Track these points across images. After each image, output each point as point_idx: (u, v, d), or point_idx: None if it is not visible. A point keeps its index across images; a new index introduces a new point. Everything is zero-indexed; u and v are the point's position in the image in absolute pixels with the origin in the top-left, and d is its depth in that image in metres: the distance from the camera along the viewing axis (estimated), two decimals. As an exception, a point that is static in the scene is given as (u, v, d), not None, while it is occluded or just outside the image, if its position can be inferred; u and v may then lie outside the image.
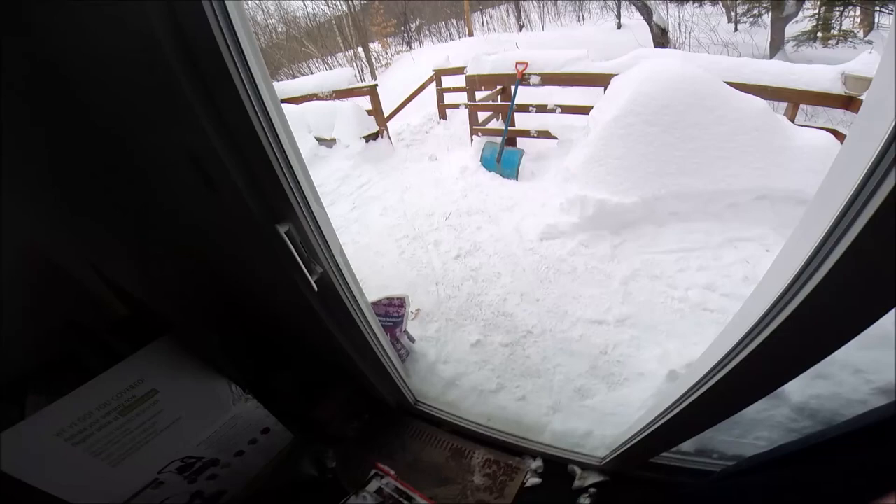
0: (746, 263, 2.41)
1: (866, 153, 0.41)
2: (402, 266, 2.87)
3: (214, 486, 0.96)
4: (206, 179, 0.61)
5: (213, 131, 0.54)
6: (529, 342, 2.14)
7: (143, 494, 0.81)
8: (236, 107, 0.52)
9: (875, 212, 0.39)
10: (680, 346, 2.01)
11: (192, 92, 0.51)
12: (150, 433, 0.78)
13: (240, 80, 0.51)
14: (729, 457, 1.21)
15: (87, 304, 0.78)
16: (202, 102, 0.52)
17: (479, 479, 1.33)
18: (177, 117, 0.54)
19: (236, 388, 0.89)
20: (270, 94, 0.57)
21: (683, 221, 2.73)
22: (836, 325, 0.51)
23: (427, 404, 1.64)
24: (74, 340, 0.76)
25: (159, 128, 0.56)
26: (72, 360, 0.74)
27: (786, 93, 3.12)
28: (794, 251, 0.51)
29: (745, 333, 0.60)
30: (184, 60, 0.49)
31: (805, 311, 0.50)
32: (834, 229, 0.45)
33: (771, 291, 0.55)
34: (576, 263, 2.56)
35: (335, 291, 0.86)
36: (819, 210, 0.48)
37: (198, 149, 0.57)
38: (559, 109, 3.94)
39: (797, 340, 0.55)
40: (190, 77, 0.50)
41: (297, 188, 0.67)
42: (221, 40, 0.48)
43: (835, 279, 0.46)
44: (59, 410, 0.66)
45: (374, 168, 4.49)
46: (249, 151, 0.58)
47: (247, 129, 0.55)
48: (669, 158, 2.80)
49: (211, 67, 0.49)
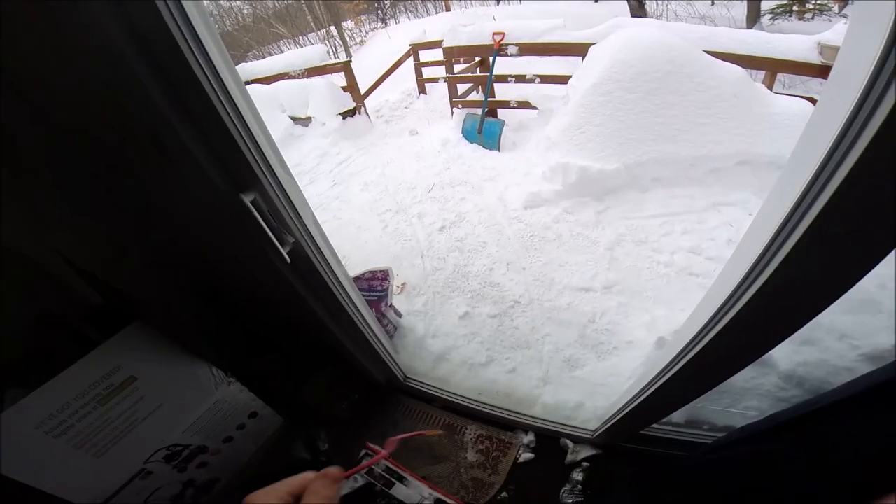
0: (730, 227, 2.44)
1: (837, 116, 0.41)
2: (385, 240, 2.80)
3: (206, 474, 0.94)
4: (164, 153, 0.58)
5: (166, 105, 0.52)
6: (517, 312, 2.12)
7: (132, 486, 0.79)
8: (189, 77, 0.51)
9: (848, 172, 0.39)
10: (667, 312, 2.02)
11: (145, 71, 0.49)
12: (132, 422, 0.76)
13: (190, 53, 0.49)
14: (719, 428, 1.21)
15: (57, 293, 0.76)
16: (157, 81, 0.51)
17: (472, 456, 1.30)
18: (132, 96, 0.51)
19: (217, 371, 0.87)
20: (227, 65, 0.56)
21: (666, 187, 2.74)
22: (815, 288, 0.51)
23: (417, 380, 1.61)
24: (47, 331, 0.75)
25: (119, 110, 0.54)
26: (46, 351, 0.73)
27: (763, 62, 3.14)
28: (771, 214, 0.51)
29: (727, 298, 0.59)
30: (131, 36, 0.47)
31: (782, 275, 0.50)
32: (808, 191, 0.44)
33: (749, 255, 0.54)
34: (560, 230, 2.55)
35: (309, 262, 0.82)
36: (793, 173, 0.48)
37: (155, 124, 0.55)
38: (538, 79, 3.89)
39: (778, 304, 0.55)
40: (142, 55, 0.49)
41: (260, 155, 0.65)
42: (170, 19, 0.47)
43: (810, 241, 0.46)
44: (35, 402, 0.64)
45: (352, 145, 4.36)
46: (206, 120, 0.56)
47: (200, 97, 0.53)
48: (650, 125, 2.79)
49: (161, 43, 0.48)
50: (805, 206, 0.45)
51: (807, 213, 0.45)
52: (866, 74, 0.37)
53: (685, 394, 0.86)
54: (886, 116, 0.36)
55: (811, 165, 0.43)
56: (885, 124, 0.36)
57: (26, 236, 0.66)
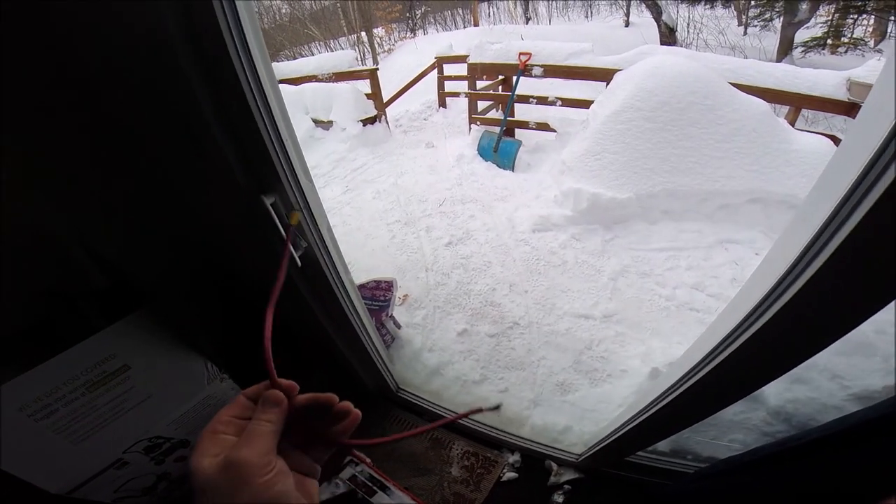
0: (735, 265, 2.41)
1: (859, 160, 0.39)
2: (392, 250, 2.85)
3: (182, 469, 0.92)
4: (196, 147, 0.59)
5: (207, 101, 0.54)
6: (515, 334, 2.13)
7: (106, 475, 0.76)
8: (230, 76, 0.52)
9: (860, 221, 0.39)
10: (664, 344, 2.02)
11: (190, 64, 0.51)
12: (118, 411, 0.73)
13: (235, 52, 0.51)
14: (703, 458, 1.21)
15: (66, 272, 0.74)
16: (200, 77, 0.52)
17: (456, 472, 1.31)
18: (175, 88, 0.53)
19: (212, 366, 0.85)
20: (266, 68, 0.56)
21: (676, 220, 2.73)
22: (816, 330, 0.51)
23: (409, 392, 1.62)
24: (49, 310, 0.72)
25: (159, 99, 0.55)
26: (44, 331, 0.70)
27: (788, 96, 3.10)
28: (780, 255, 0.51)
29: (728, 334, 0.60)
30: (186, 39, 0.49)
31: (786, 315, 0.50)
32: (819, 236, 0.44)
33: (754, 294, 0.54)
34: (566, 256, 2.55)
35: (319, 268, 0.84)
36: (806, 216, 0.47)
37: (191, 118, 0.56)
38: (560, 102, 3.91)
39: (778, 343, 0.55)
40: (190, 54, 0.50)
41: (286, 159, 0.66)
42: (222, 17, 0.48)
43: (817, 285, 0.45)
44: (26, 384, 0.61)
45: (369, 152, 4.44)
46: (240, 120, 0.57)
47: (237, 96, 0.54)
48: (666, 156, 2.79)
49: (209, 38, 0.50)
50: (815, 251, 0.45)
51: (816, 259, 0.45)
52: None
53: (676, 424, 0.87)
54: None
55: (826, 209, 0.43)
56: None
57: (46, 215, 0.67)
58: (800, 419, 1.32)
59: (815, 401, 1.33)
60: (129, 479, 0.83)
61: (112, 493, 0.81)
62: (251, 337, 0.44)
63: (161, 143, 0.60)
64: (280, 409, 0.41)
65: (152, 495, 0.90)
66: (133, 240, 0.78)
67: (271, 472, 0.35)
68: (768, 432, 1.32)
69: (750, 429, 1.34)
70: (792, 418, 1.33)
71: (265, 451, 0.36)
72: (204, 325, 0.93)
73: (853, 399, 1.29)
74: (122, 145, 0.61)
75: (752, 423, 1.35)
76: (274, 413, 0.40)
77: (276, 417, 0.40)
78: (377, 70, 4.98)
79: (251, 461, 0.35)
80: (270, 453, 0.37)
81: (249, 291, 0.96)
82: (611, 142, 2.90)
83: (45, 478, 0.70)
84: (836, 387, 1.33)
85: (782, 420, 1.34)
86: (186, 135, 0.57)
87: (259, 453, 0.36)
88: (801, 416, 1.32)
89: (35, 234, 0.68)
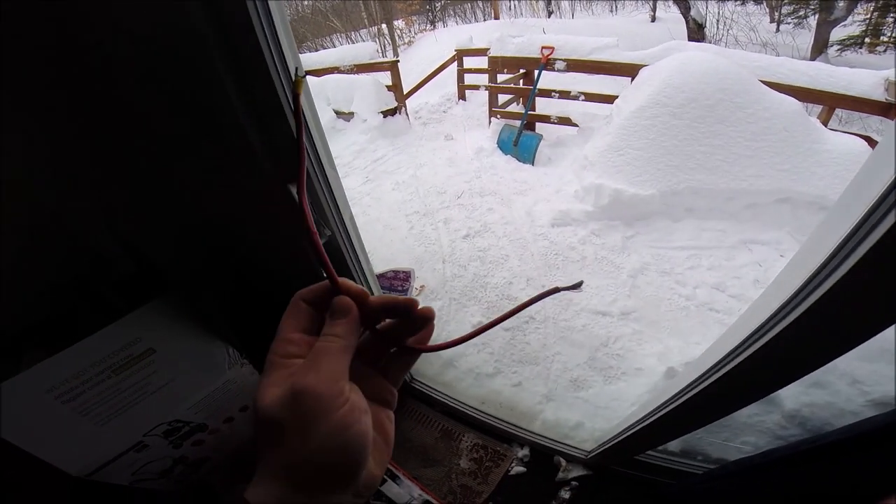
0: (759, 267, 2.36)
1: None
2: (410, 241, 2.86)
3: (199, 453, 0.92)
4: (221, 134, 0.59)
5: (233, 90, 0.54)
6: (531, 328, 2.13)
7: (125, 457, 0.77)
8: (259, 65, 0.52)
9: (894, 223, 0.38)
10: (681, 344, 1.99)
11: (220, 52, 0.50)
12: (141, 394, 0.73)
13: (264, 39, 0.51)
14: (713, 460, 1.19)
15: (91, 258, 0.75)
16: (228, 68, 0.52)
17: (465, 464, 1.31)
18: (206, 76, 0.53)
19: (234, 351, 0.85)
20: (293, 56, 0.57)
21: (699, 218, 2.67)
22: (839, 335, 0.50)
23: (422, 383, 1.63)
24: (75, 295, 0.73)
25: (189, 85, 0.55)
26: (71, 315, 0.71)
27: (822, 96, 3.01)
28: (810, 256, 0.50)
29: (751, 333, 0.59)
30: (216, 15, 0.48)
31: (813, 317, 0.49)
32: (851, 237, 0.43)
33: (779, 296, 0.53)
34: (585, 252, 2.53)
35: (342, 255, 0.85)
36: (838, 218, 0.46)
37: (219, 105, 0.56)
38: (583, 97, 3.86)
39: (799, 347, 0.54)
40: (220, 45, 0.50)
41: (312, 149, 0.66)
42: (254, 11, 0.48)
43: (845, 288, 0.44)
44: (54, 366, 0.62)
45: (389, 143, 4.46)
46: (266, 108, 0.57)
47: (266, 84, 0.54)
48: (692, 153, 2.73)
49: (239, 27, 0.49)
50: (846, 253, 0.44)
51: (846, 260, 0.43)
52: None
53: (689, 424, 0.85)
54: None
55: (859, 211, 0.41)
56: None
57: (70, 198, 0.67)
58: (815, 423, 1.30)
59: (833, 405, 1.31)
60: (147, 462, 0.83)
61: (130, 476, 0.82)
62: (270, 324, 0.43)
63: (188, 130, 0.61)
64: (349, 318, 0.33)
65: (168, 478, 0.91)
66: (157, 225, 0.80)
67: (346, 405, 0.29)
68: (782, 436, 1.30)
69: (763, 431, 1.32)
70: (807, 422, 1.31)
71: (335, 376, 0.30)
72: (225, 310, 0.94)
73: (871, 405, 1.26)
74: (147, 132, 0.62)
75: (766, 426, 1.33)
76: (342, 325, 0.32)
77: (345, 330, 0.32)
78: (398, 62, 4.99)
79: (318, 391, 0.28)
80: (342, 379, 0.30)
81: (269, 280, 0.97)
82: (635, 137, 2.86)
83: (68, 460, 0.71)
84: (856, 392, 1.31)
85: (797, 424, 1.31)
86: (214, 123, 0.58)
87: (328, 379, 0.29)
88: (816, 421, 1.30)
89: (59, 223, 0.69)
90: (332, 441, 0.28)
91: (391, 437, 0.35)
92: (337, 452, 0.28)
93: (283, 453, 0.28)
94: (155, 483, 0.89)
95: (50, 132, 0.60)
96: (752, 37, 8.32)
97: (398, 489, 1.16)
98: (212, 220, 0.86)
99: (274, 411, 0.28)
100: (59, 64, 0.54)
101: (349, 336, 0.32)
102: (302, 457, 0.28)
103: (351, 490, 0.29)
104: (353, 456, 0.29)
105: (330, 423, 0.28)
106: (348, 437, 0.28)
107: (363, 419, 0.30)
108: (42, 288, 0.72)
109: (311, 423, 0.28)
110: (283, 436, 0.28)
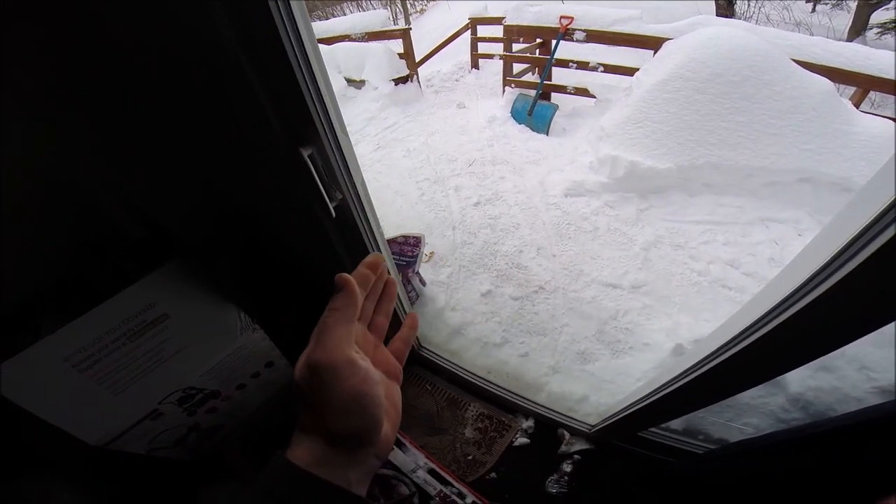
0: (775, 245, 2.32)
1: None
2: (420, 208, 2.83)
3: (213, 420, 0.92)
4: (231, 98, 0.57)
5: (241, 49, 0.51)
6: (540, 298, 2.11)
7: (141, 426, 0.76)
8: (270, 31, 0.50)
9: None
10: (691, 320, 1.97)
11: (229, 19, 0.48)
12: (155, 361, 0.73)
13: (276, 8, 0.48)
14: (714, 440, 1.19)
15: (101, 223, 0.74)
16: (232, 23, 0.49)
17: (469, 433, 1.30)
18: (203, 37, 0.51)
19: (245, 316, 0.84)
20: (304, 20, 0.54)
21: (716, 194, 2.62)
22: (855, 320, 0.49)
23: (430, 350, 1.61)
24: (87, 261, 0.72)
25: (199, 47, 0.53)
26: (84, 281, 0.70)
27: (857, 77, 2.91)
28: (830, 238, 0.48)
29: (762, 315, 0.57)
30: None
31: (826, 302, 0.47)
32: (877, 221, 0.41)
33: (797, 276, 0.51)
34: (598, 223, 2.49)
35: (353, 219, 0.83)
36: (865, 200, 0.44)
37: (222, 65, 0.53)
38: (601, 68, 3.74)
39: (812, 330, 0.52)
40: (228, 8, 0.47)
41: (324, 113, 0.64)
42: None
43: (866, 271, 0.42)
44: (70, 334, 0.61)
45: (401, 111, 4.37)
46: (276, 72, 0.55)
47: (277, 50, 0.52)
48: (713, 128, 2.65)
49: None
50: (871, 236, 0.42)
51: (871, 243, 0.42)
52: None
53: (695, 402, 0.85)
54: None
55: (888, 194, 0.40)
56: None
57: (78, 165, 0.66)
58: (818, 408, 1.30)
59: (838, 390, 1.31)
60: (162, 431, 0.83)
61: (147, 445, 0.82)
62: (282, 289, 0.42)
63: (200, 93, 0.59)
64: (345, 291, 0.36)
65: (183, 447, 0.90)
66: (169, 190, 0.77)
67: (358, 374, 0.33)
68: (784, 419, 1.31)
69: (766, 413, 1.32)
70: (810, 406, 1.31)
71: (339, 345, 0.33)
72: (237, 275, 0.92)
73: (877, 392, 1.26)
74: (155, 97, 0.60)
75: (769, 409, 1.33)
76: (340, 298, 0.35)
77: (343, 303, 0.35)
78: (410, 30, 4.86)
79: (326, 362, 0.32)
80: (347, 347, 0.34)
81: (281, 245, 0.96)
82: (655, 110, 2.77)
83: (87, 429, 0.70)
84: (863, 378, 1.31)
85: (800, 408, 1.32)
86: (224, 88, 0.56)
87: (333, 349, 0.33)
88: (819, 405, 1.30)
89: (68, 187, 0.67)
90: (350, 406, 0.32)
91: (399, 405, 0.39)
92: (356, 416, 0.33)
93: (315, 418, 0.32)
94: (170, 451, 0.88)
95: (61, 102, 0.58)
96: (784, 15, 7.99)
97: (404, 456, 1.16)
98: (223, 186, 0.84)
99: (300, 383, 0.33)
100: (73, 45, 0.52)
101: (347, 308, 0.35)
102: (328, 421, 0.32)
103: (372, 451, 0.34)
104: (370, 420, 0.33)
105: (344, 390, 0.32)
106: (364, 403, 0.33)
107: (375, 388, 0.34)
108: (53, 254, 0.70)
109: (327, 390, 0.32)
110: (312, 403, 0.33)
